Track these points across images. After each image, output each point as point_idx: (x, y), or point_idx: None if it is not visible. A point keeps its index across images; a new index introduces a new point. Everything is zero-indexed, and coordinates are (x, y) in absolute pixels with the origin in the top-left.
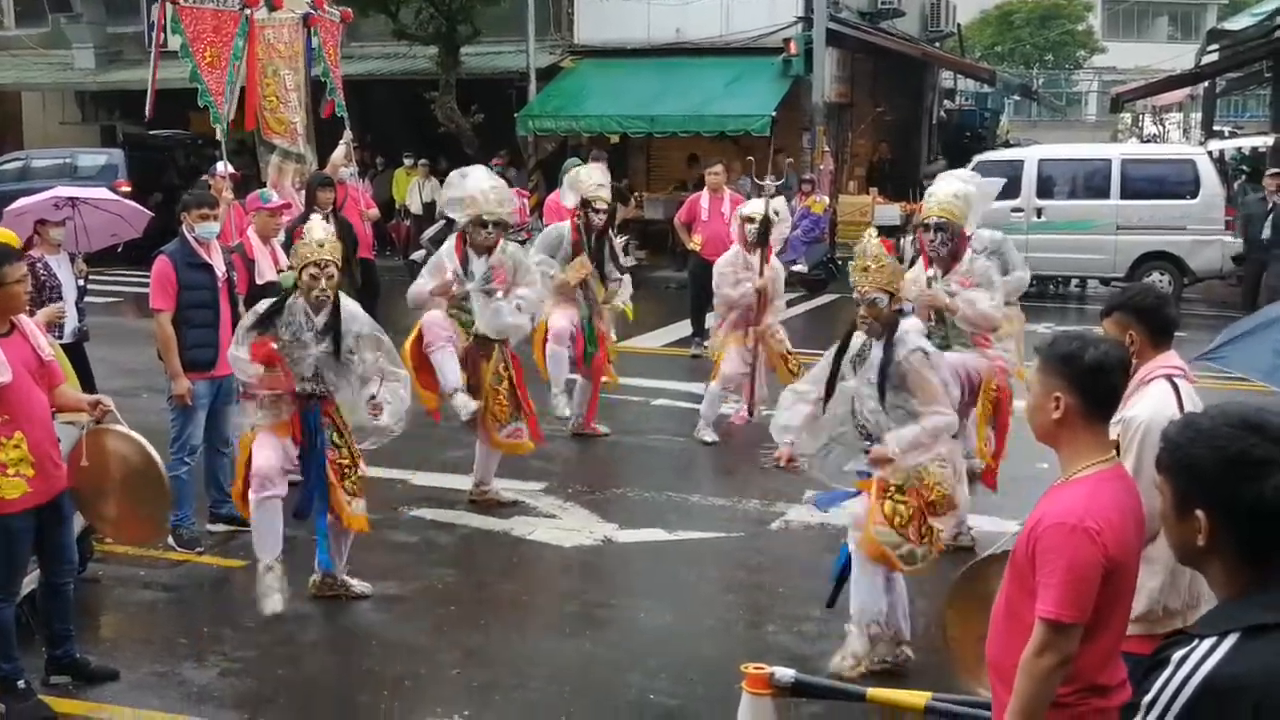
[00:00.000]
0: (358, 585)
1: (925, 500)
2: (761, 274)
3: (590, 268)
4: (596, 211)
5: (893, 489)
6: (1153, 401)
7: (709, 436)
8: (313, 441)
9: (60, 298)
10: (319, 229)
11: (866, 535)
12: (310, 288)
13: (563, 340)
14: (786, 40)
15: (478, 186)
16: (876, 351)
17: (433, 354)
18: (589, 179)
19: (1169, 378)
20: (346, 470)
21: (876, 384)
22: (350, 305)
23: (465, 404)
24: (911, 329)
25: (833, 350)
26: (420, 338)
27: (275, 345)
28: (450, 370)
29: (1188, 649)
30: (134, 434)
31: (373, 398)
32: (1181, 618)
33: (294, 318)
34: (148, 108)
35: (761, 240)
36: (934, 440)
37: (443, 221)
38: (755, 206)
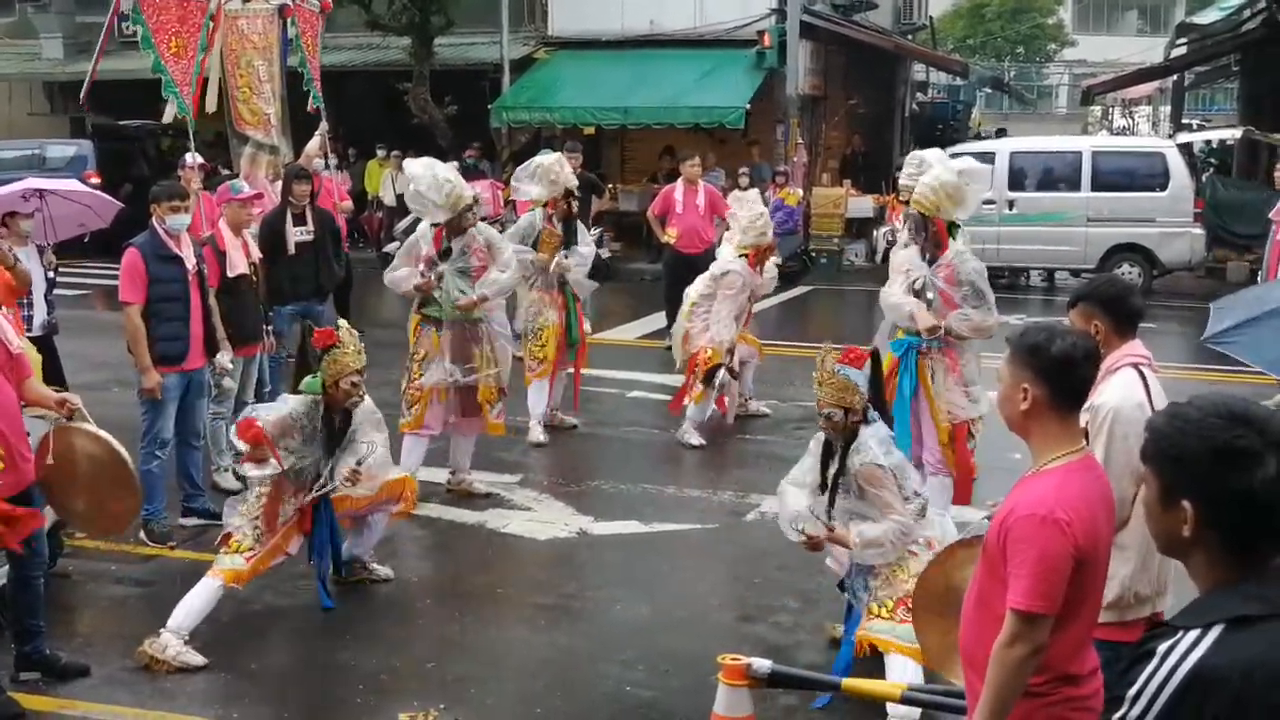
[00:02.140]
0: (381, 570)
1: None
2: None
3: (559, 238)
4: (574, 199)
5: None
6: (1119, 389)
7: (695, 440)
8: (321, 528)
9: (29, 290)
10: (350, 339)
11: (865, 639)
12: (350, 395)
13: (545, 376)
14: (760, 33)
15: (450, 178)
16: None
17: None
18: (563, 169)
19: (1135, 366)
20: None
21: (830, 490)
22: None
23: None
24: (871, 438)
25: (818, 449)
26: None
27: (279, 445)
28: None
29: (1173, 641)
30: (101, 432)
31: (358, 463)
32: (1151, 604)
33: (310, 422)
34: (83, 94)
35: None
36: (896, 543)
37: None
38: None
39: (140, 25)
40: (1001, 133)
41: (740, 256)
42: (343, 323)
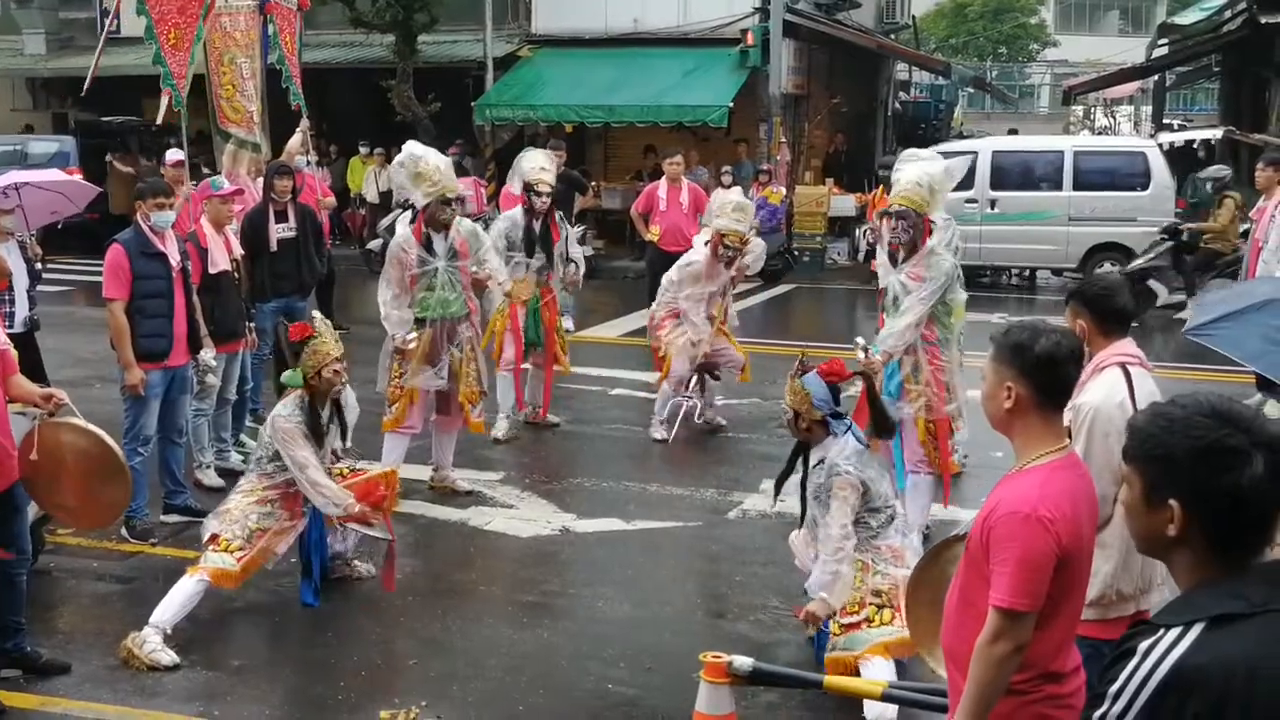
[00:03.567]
0: (363, 567)
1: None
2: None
3: (532, 290)
4: (538, 195)
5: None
6: (1103, 388)
7: (659, 434)
8: (315, 525)
9: (10, 286)
10: (325, 328)
11: (836, 664)
12: (333, 383)
13: (510, 366)
14: (744, 31)
15: (438, 164)
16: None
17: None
18: (531, 162)
19: (1122, 365)
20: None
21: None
22: (347, 393)
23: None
24: (839, 454)
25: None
26: None
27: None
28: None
29: (1154, 639)
30: (89, 425)
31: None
32: (1135, 602)
33: (305, 420)
34: (86, 85)
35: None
36: (837, 556)
37: (399, 210)
38: (728, 224)
39: (145, 16)
40: (1013, 131)
41: (706, 244)
42: (316, 314)
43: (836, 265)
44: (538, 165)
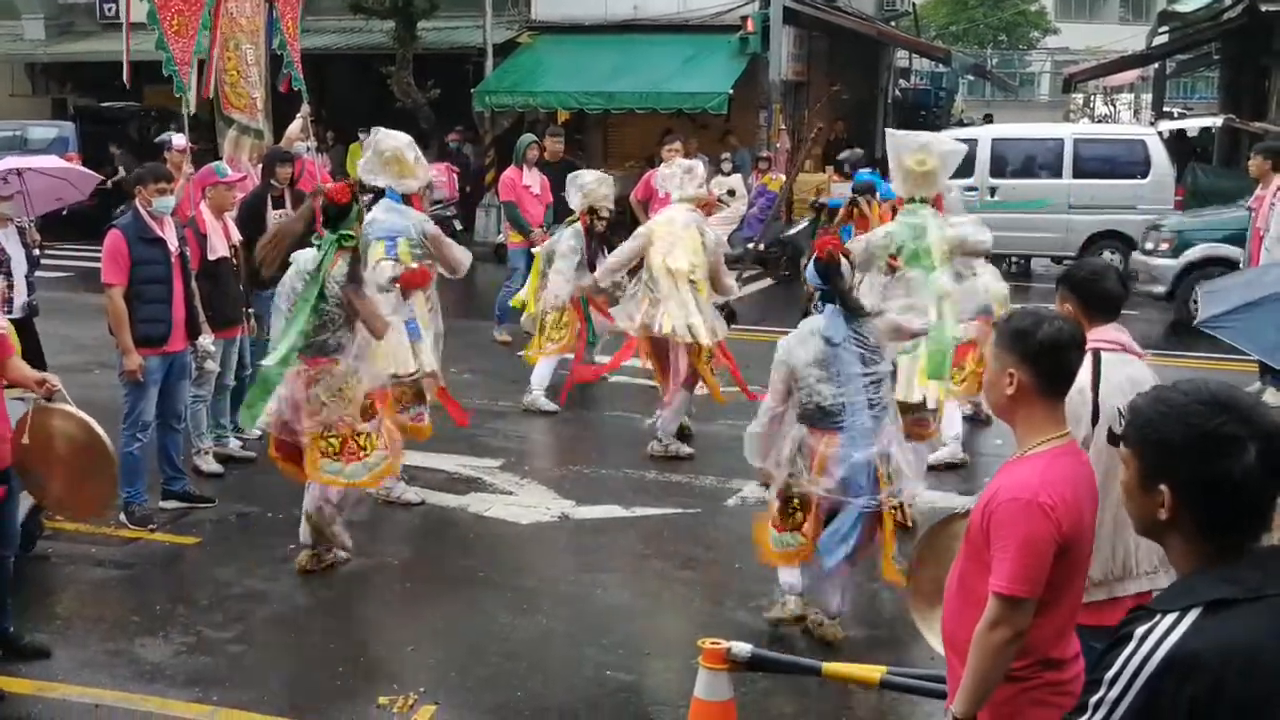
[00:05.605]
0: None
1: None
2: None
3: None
4: (601, 219)
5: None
6: None
7: (685, 449)
8: None
9: (9, 272)
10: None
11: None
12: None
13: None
14: (743, 18)
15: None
16: None
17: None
18: (599, 188)
19: (1095, 350)
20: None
21: None
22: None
23: None
24: (800, 328)
25: None
26: None
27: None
28: None
29: (1150, 624)
30: (80, 413)
31: None
32: (1106, 589)
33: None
34: (125, 76)
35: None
36: (760, 419)
37: None
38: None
39: (147, 0)
40: (989, 119)
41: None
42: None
43: None
44: (604, 192)
